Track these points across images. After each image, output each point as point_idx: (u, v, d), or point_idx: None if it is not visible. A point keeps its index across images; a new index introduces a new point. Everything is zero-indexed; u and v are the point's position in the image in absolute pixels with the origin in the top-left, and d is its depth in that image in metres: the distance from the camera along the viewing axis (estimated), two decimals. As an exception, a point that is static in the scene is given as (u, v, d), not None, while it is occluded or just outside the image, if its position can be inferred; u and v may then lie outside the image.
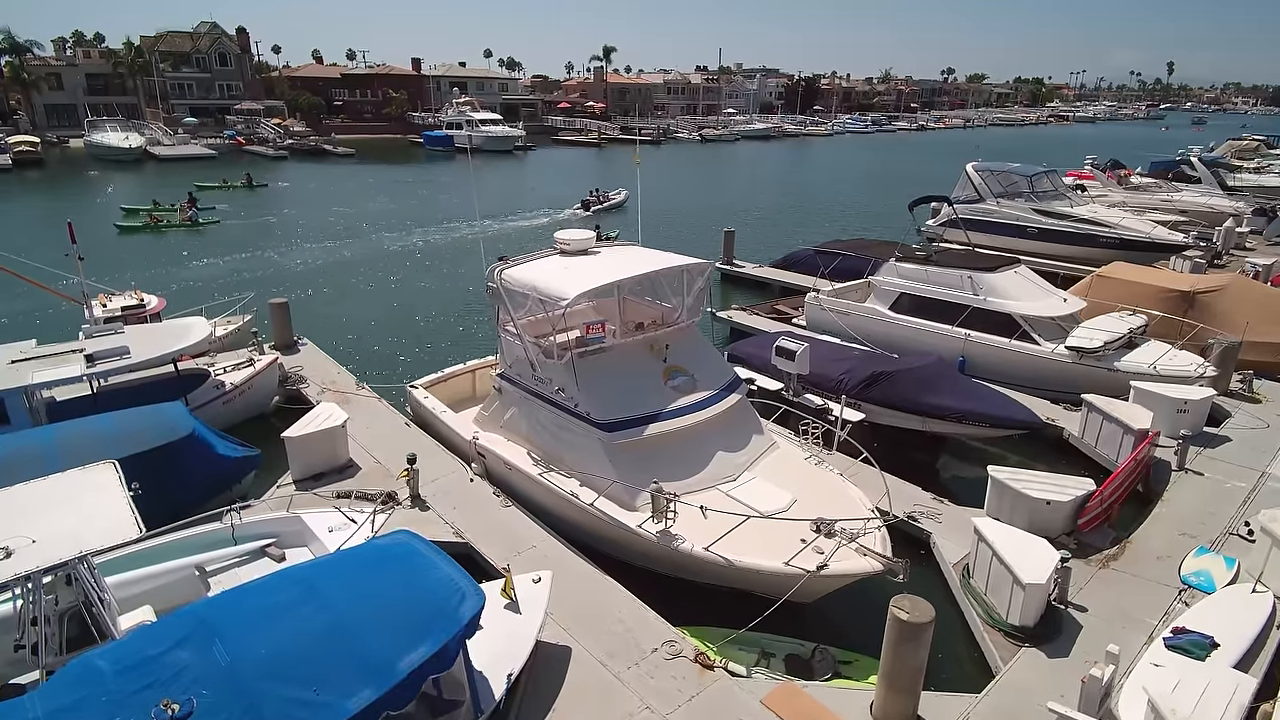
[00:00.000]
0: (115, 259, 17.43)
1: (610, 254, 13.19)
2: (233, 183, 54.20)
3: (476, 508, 12.40)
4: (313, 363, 18.45)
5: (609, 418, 11.15)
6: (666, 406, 11.39)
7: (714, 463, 11.35)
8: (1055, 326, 17.77)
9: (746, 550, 9.62)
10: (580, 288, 11.33)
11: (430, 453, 14.06)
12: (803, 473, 11.69)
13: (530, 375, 12.33)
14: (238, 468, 12.75)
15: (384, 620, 7.31)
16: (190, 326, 15.66)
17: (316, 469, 13.24)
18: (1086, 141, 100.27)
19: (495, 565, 10.99)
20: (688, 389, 11.80)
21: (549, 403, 12.00)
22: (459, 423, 14.24)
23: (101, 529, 7.86)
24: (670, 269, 12.46)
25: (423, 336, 23.70)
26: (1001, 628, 9.87)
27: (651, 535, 10.08)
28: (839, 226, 42.76)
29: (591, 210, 44.35)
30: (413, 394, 15.57)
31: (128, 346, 14.11)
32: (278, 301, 19.26)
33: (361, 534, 10.20)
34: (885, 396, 14.69)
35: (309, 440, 13.03)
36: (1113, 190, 41.00)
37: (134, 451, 11.25)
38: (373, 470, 13.65)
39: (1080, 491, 11.70)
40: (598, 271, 12.16)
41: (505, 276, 12.41)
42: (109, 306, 17.99)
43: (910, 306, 19.56)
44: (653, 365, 11.98)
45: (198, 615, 7.18)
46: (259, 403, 16.36)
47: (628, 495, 10.72)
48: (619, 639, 9.52)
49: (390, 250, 35.91)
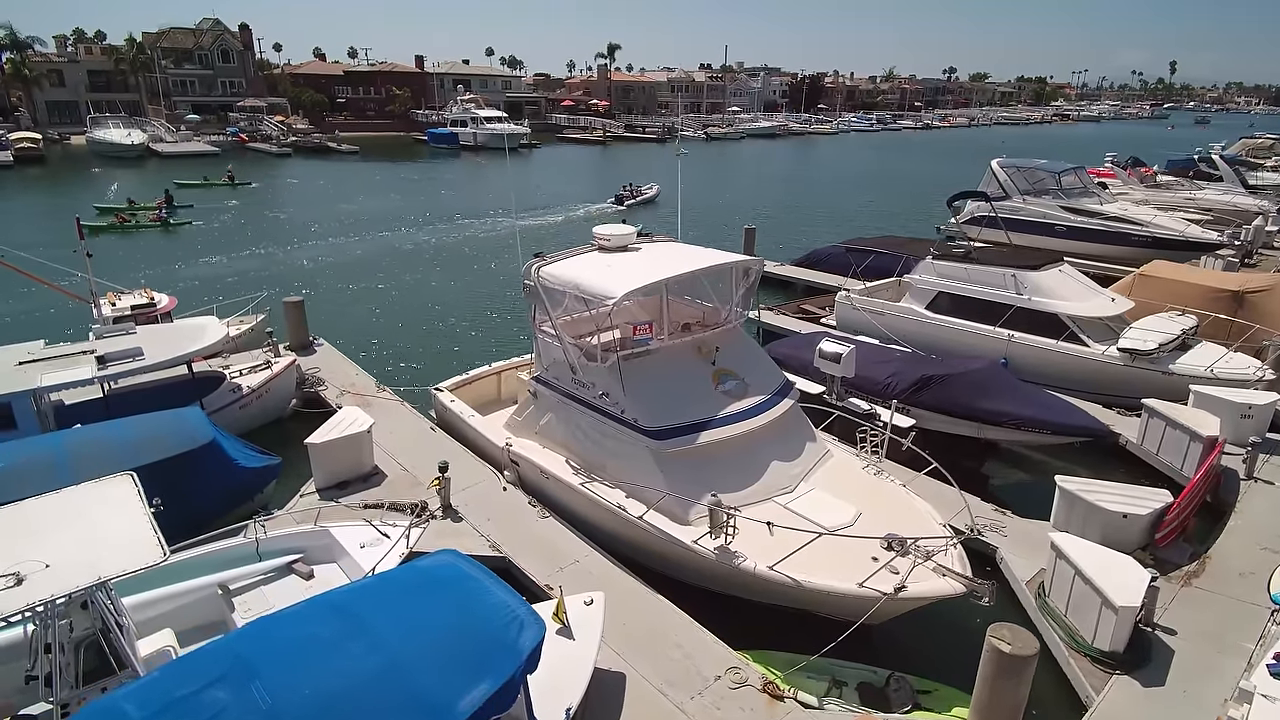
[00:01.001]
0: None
1: (652, 250, 12.45)
2: (214, 180, 52.61)
3: (512, 519, 11.69)
4: (330, 364, 17.74)
5: (658, 424, 10.43)
6: (718, 413, 10.67)
7: (769, 473, 10.63)
8: (1104, 327, 17.06)
9: (814, 569, 8.90)
10: (628, 286, 10.61)
11: (458, 459, 13.36)
12: (862, 484, 10.97)
13: (569, 379, 11.60)
14: (259, 477, 12.05)
15: (438, 655, 6.61)
16: (204, 327, 14.94)
17: (341, 477, 12.54)
18: (1094, 140, 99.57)
19: (536, 582, 10.30)
20: (739, 394, 11.07)
21: (590, 408, 11.28)
22: (488, 428, 13.53)
23: (121, 551, 7.14)
24: (720, 266, 11.72)
25: (441, 337, 22.99)
26: (1088, 653, 9.16)
27: (709, 552, 9.36)
28: (854, 226, 42.04)
29: (626, 205, 45.01)
30: (438, 397, 14.86)
31: (141, 348, 13.41)
32: (292, 300, 18.53)
33: (396, 550, 9.49)
34: (937, 401, 13.98)
35: (334, 447, 12.33)
36: (1134, 188, 40.28)
37: (151, 460, 10.55)
38: (399, 478, 12.94)
39: (1157, 504, 11.00)
40: (643, 269, 11.42)
41: (543, 274, 11.67)
42: (118, 305, 17.27)
43: (949, 306, 18.83)
44: (702, 369, 11.25)
45: (231, 650, 6.48)
46: (276, 406, 15.64)
47: (680, 508, 10.01)
48: (678, 666, 8.81)
49: (402, 249, 35.09)
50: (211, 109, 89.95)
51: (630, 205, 45.14)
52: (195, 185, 50.81)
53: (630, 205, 45.14)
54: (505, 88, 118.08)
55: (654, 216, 43.04)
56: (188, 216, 40.21)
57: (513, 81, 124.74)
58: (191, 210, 41.61)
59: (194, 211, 41.49)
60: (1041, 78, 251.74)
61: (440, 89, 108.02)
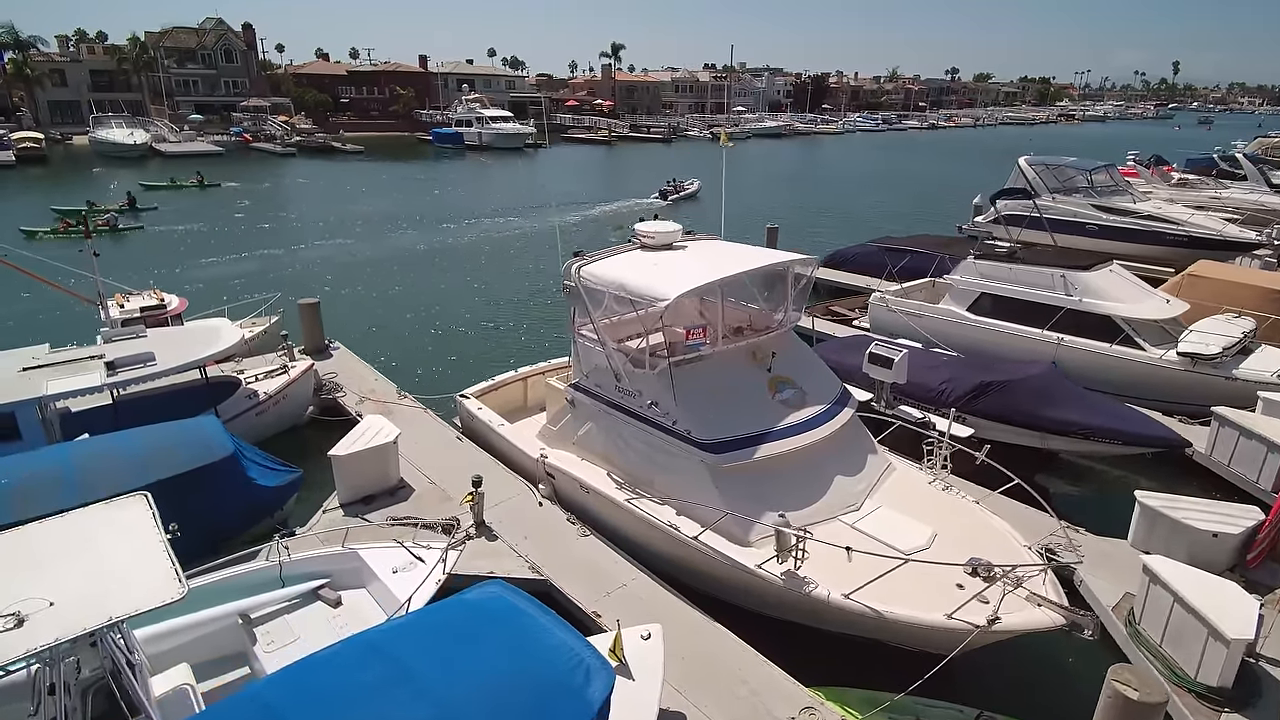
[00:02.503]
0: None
1: (698, 249, 11.63)
2: (182, 181, 51.07)
3: (550, 537, 10.90)
4: (347, 368, 16.96)
5: (713, 437, 9.62)
6: (777, 424, 9.86)
7: (833, 489, 9.83)
8: (1160, 330, 16.25)
9: (894, 598, 8.11)
10: (681, 286, 9.79)
11: (489, 471, 12.57)
12: (932, 500, 10.16)
13: (612, 386, 10.79)
14: (280, 492, 11.26)
15: (493, 704, 5.84)
16: (218, 330, 14.16)
17: (366, 491, 11.75)
18: (1103, 140, 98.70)
19: (582, 608, 9.50)
20: (797, 403, 10.26)
21: (636, 418, 10.47)
22: (519, 437, 12.73)
23: (134, 586, 6.34)
24: (776, 265, 10.91)
25: (461, 340, 22.21)
26: (1192, 688, 8.35)
27: (776, 578, 8.56)
28: (869, 226, 41.23)
29: (669, 199, 46.82)
30: (464, 404, 14.07)
31: (152, 353, 12.62)
32: (308, 302, 17.74)
33: (432, 577, 8.69)
34: (997, 409, 13.17)
35: (359, 459, 11.54)
36: (1158, 187, 39.45)
37: (166, 475, 9.80)
38: (427, 491, 12.15)
39: (1248, 521, 10.18)
40: (694, 268, 10.61)
41: (585, 274, 10.86)
42: (126, 307, 16.50)
43: (992, 308, 18.02)
44: (756, 376, 10.44)
45: (260, 700, 5.72)
46: (293, 414, 14.86)
47: (739, 528, 9.22)
48: (746, 705, 8.01)
49: (415, 249, 34.30)
50: (215, 109, 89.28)
51: (674, 200, 46.80)
52: (161, 187, 49.19)
53: (674, 200, 46.80)
54: (509, 88, 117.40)
55: (695, 212, 43.71)
56: (146, 220, 37.88)
57: (516, 81, 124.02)
58: (155, 213, 40.03)
59: (157, 215, 39.77)
60: (1045, 78, 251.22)
61: (444, 89, 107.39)
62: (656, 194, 47.68)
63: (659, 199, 46.93)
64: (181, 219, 40.18)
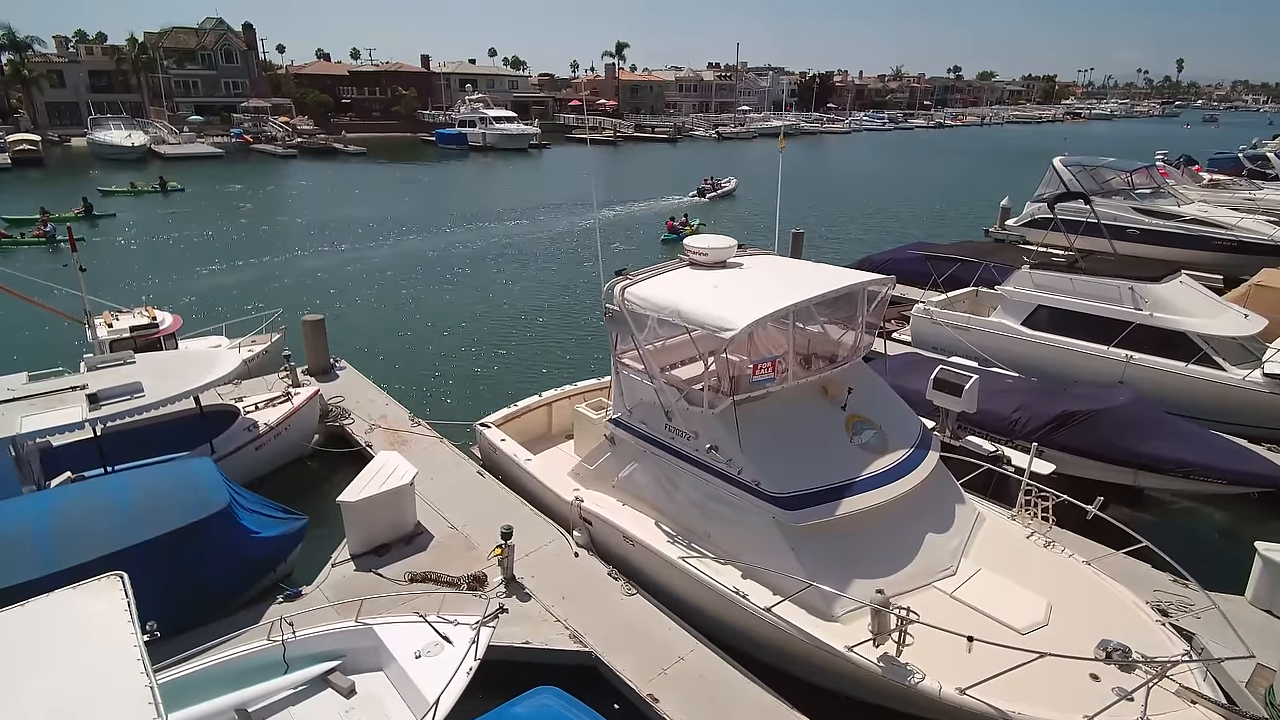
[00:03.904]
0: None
1: (757, 266, 10.26)
2: (144, 186, 48.72)
3: (591, 597, 9.57)
4: (355, 391, 15.64)
5: (786, 489, 8.29)
6: (858, 472, 8.52)
7: (925, 550, 8.50)
8: (1239, 348, 14.92)
9: (1018, 692, 6.79)
10: (750, 314, 8.38)
11: (514, 511, 11.29)
12: (1037, 561, 8.83)
13: (661, 424, 9.46)
14: (282, 543, 9.93)
15: None
16: (215, 355, 12.84)
17: (379, 539, 10.43)
18: (1114, 139, 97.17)
19: (635, 688, 8.17)
20: (878, 447, 8.92)
21: (690, 462, 9.15)
22: (549, 474, 11.40)
23: (97, 709, 5.05)
24: (852, 287, 9.60)
25: (477, 357, 20.63)
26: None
27: (872, 664, 7.24)
28: (890, 229, 40.00)
29: (708, 197, 47.33)
30: (485, 435, 12.75)
31: (140, 383, 11.30)
32: (312, 319, 16.38)
33: (464, 666, 7.36)
34: (1084, 443, 11.81)
35: (372, 505, 10.21)
36: (1189, 188, 38.06)
37: (152, 535, 8.50)
38: (448, 538, 10.83)
39: (1394, 579, 8.87)
40: (760, 291, 9.26)
41: (632, 296, 9.50)
42: (115, 326, 15.17)
43: (1050, 321, 16.68)
44: (831, 416, 9.09)
45: None
46: (297, 445, 13.53)
47: (821, 599, 7.89)
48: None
49: (425, 256, 32.79)
50: (215, 110, 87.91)
51: (711, 198, 47.26)
52: (121, 193, 46.57)
53: (711, 198, 47.26)
54: (512, 87, 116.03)
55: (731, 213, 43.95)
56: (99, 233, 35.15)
57: (519, 81, 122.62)
58: (113, 220, 38.08)
59: (114, 223, 37.69)
60: (1050, 76, 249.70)
61: (447, 89, 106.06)
62: (694, 192, 48.21)
63: (696, 196, 47.41)
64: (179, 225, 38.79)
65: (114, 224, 38.52)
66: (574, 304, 25.35)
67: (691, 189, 48.99)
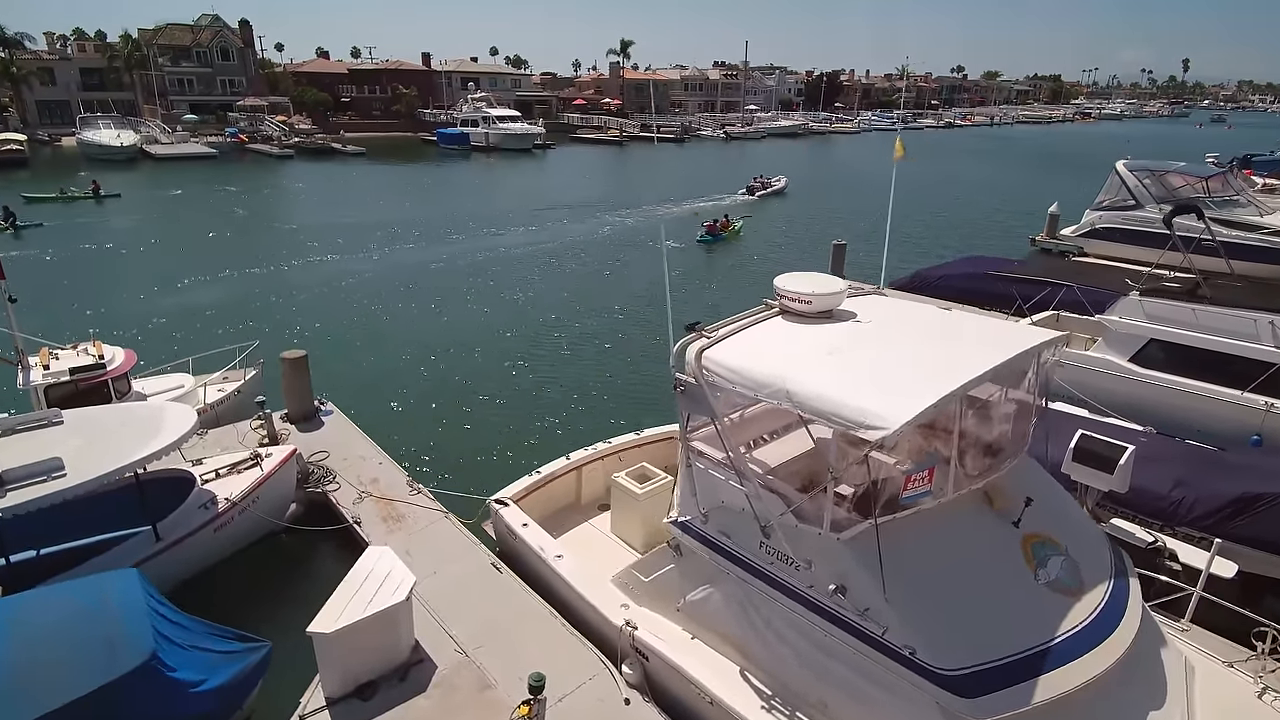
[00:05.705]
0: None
1: (874, 313, 7.43)
2: (74, 192, 44.59)
3: (652, 769, 7.01)
4: (342, 443, 13.02)
5: (961, 664, 5.61)
6: (1054, 630, 5.87)
7: (1147, 739, 5.91)
8: None
9: None
10: (911, 404, 5.46)
11: (541, 628, 8.72)
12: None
13: (752, 541, 6.85)
14: (233, 693, 7.33)
15: None
16: (163, 414, 10.18)
17: (364, 677, 7.84)
18: (1128, 140, 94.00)
19: None
20: (1071, 585, 6.28)
21: (800, 601, 6.52)
22: (585, 580, 8.79)
23: None
24: (1030, 350, 6.67)
25: (491, 399, 17.48)
26: None
27: None
28: (927, 240, 37.45)
29: (757, 195, 47.29)
30: (501, 515, 10.15)
31: (60, 460, 8.75)
32: (293, 356, 13.72)
33: None
34: (1274, 534, 9.22)
35: (357, 634, 7.60)
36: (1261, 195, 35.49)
37: (50, 709, 5.95)
38: (453, 671, 8.23)
39: None
40: (898, 359, 6.55)
41: (714, 364, 6.80)
42: (53, 368, 12.54)
43: (1166, 359, 14.12)
44: (1004, 539, 6.36)
45: None
46: (267, 521, 10.93)
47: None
48: None
49: (428, 267, 30.03)
50: (210, 109, 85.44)
51: (761, 196, 47.13)
52: (49, 199, 42.49)
53: (761, 196, 47.13)
54: (514, 86, 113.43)
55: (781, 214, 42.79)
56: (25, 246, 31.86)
57: (521, 80, 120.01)
58: (41, 231, 34.35)
59: (43, 235, 33.88)
60: (1056, 75, 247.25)
61: (448, 88, 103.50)
62: (744, 189, 48.18)
63: (746, 194, 47.30)
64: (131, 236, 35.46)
65: (43, 235, 34.31)
66: (602, 329, 22.51)
67: (715, 190, 48.44)
